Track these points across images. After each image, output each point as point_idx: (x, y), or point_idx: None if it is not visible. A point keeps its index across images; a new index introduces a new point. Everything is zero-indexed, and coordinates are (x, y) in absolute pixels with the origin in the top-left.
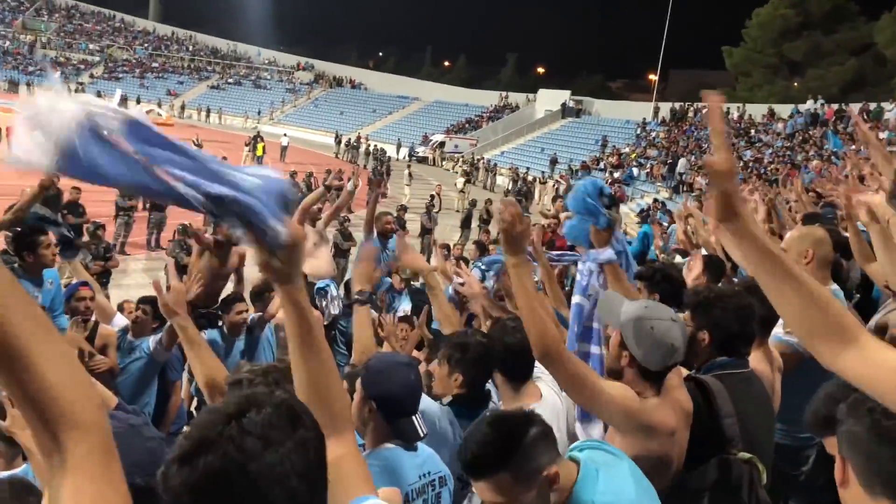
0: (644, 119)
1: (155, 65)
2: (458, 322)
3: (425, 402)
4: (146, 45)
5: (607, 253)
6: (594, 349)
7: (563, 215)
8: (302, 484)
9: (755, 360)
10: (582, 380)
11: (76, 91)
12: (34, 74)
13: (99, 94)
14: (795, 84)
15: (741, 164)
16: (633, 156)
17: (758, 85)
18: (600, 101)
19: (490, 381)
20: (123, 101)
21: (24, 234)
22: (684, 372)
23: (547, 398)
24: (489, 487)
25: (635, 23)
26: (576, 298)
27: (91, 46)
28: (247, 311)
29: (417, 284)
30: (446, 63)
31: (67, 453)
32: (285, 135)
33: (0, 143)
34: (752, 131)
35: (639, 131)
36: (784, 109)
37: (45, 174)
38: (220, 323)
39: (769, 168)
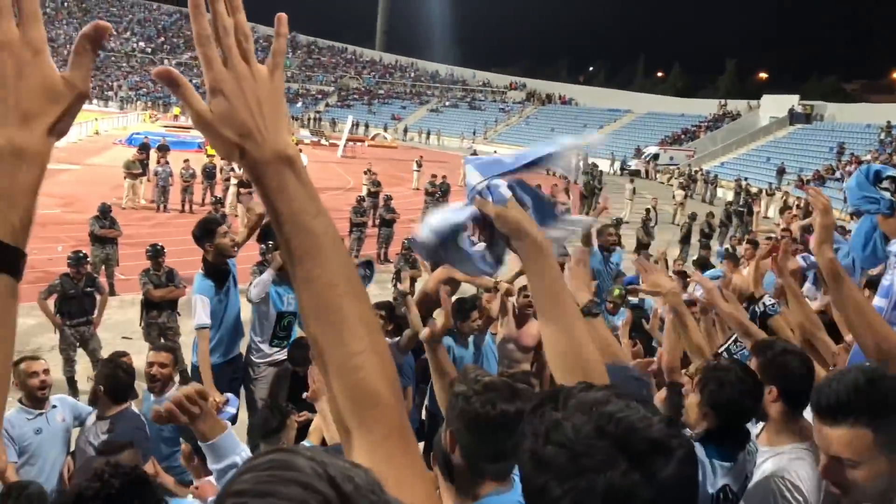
0: (889, 122)
1: (381, 91)
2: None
3: None
4: (373, 73)
5: None
6: None
7: (794, 226)
8: None
9: None
10: None
11: (316, 119)
12: None
13: (333, 121)
14: None
15: None
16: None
17: None
18: (834, 105)
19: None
20: (354, 126)
21: (203, 224)
22: None
23: None
24: (842, 438)
25: (874, 15)
26: (876, 301)
27: (326, 77)
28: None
29: (635, 300)
30: (659, 73)
31: (363, 436)
32: (495, 152)
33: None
34: None
35: (882, 136)
36: None
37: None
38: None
39: None
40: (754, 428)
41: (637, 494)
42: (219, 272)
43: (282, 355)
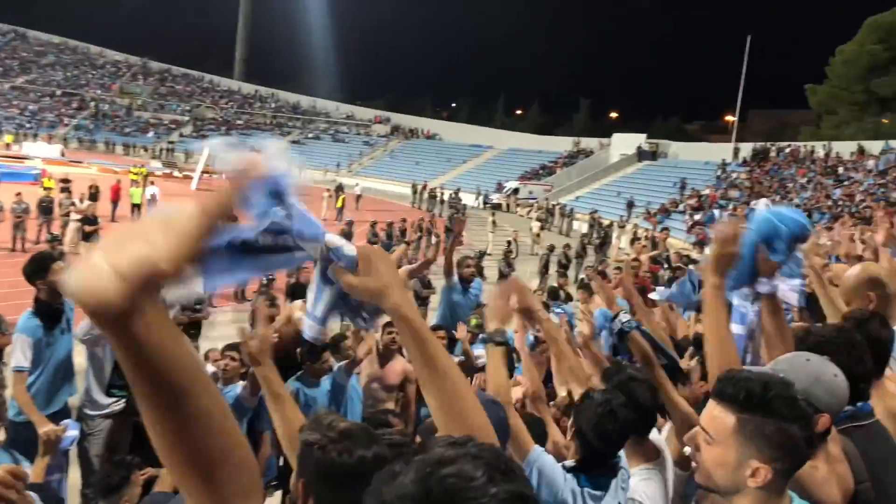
0: (724, 160)
1: (239, 122)
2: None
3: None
4: (231, 103)
5: (770, 284)
6: None
7: (643, 257)
8: None
9: (876, 404)
10: None
11: (168, 150)
12: (130, 135)
13: (187, 153)
14: (886, 121)
15: (829, 202)
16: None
17: (845, 122)
18: (677, 143)
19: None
20: (210, 157)
21: (36, 260)
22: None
23: (664, 453)
24: (712, 412)
25: (711, 65)
26: (735, 328)
27: (181, 107)
28: (332, 357)
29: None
30: (519, 111)
31: (214, 494)
32: (358, 184)
33: (99, 202)
34: (841, 169)
35: (719, 172)
36: (874, 146)
37: None
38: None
39: (861, 206)
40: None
41: None
42: (50, 311)
43: (119, 406)
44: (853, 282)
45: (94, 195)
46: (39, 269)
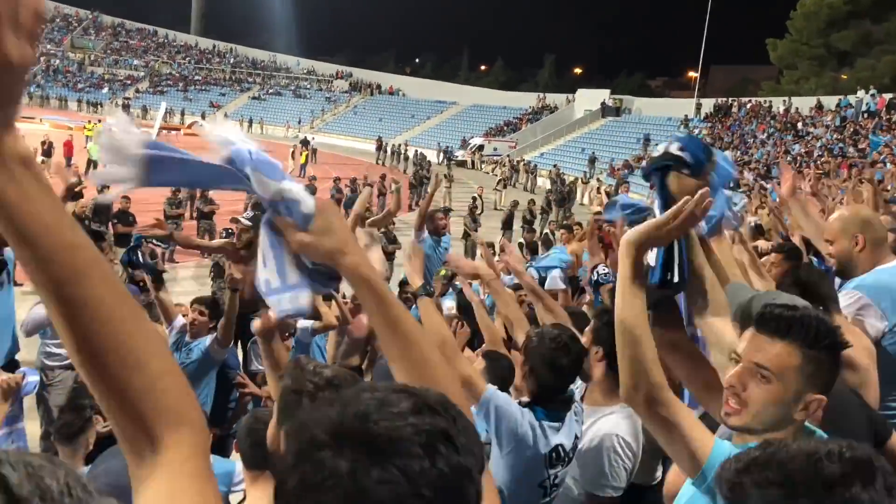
0: (686, 116)
1: (197, 78)
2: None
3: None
4: (188, 58)
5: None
6: None
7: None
8: None
9: None
10: None
11: (124, 106)
12: (83, 91)
13: (145, 109)
14: (844, 76)
15: (789, 158)
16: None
17: (804, 77)
18: (641, 100)
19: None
20: (168, 113)
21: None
22: None
23: None
24: (774, 348)
25: (674, 20)
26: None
27: (136, 62)
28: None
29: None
30: (483, 67)
31: (170, 452)
32: (313, 138)
33: (54, 157)
34: (800, 124)
35: (681, 128)
36: (832, 101)
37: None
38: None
39: (819, 161)
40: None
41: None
42: None
43: None
44: (841, 222)
45: (47, 151)
46: None
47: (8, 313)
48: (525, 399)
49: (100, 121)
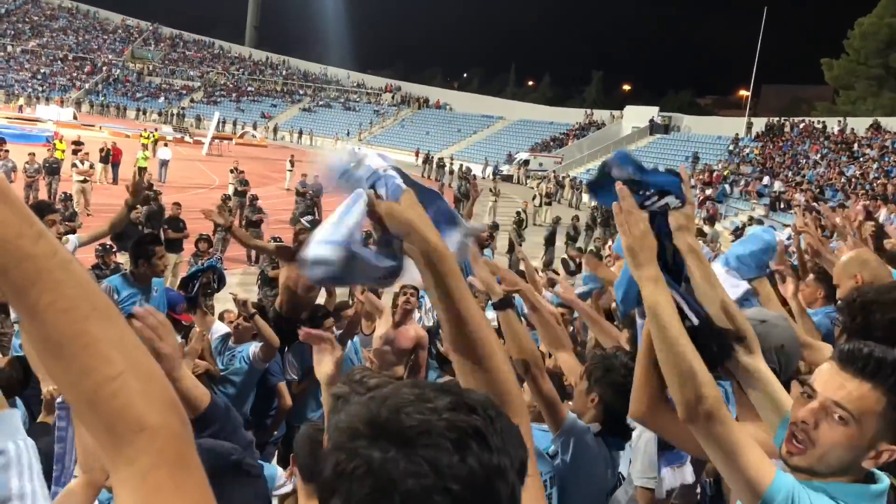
0: (737, 135)
1: (250, 89)
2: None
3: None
4: (242, 70)
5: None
6: None
7: None
8: None
9: None
10: None
11: (179, 115)
12: (141, 101)
13: (199, 118)
14: None
15: (843, 179)
16: (726, 173)
17: (861, 97)
18: (690, 117)
19: None
20: (221, 123)
21: (145, 242)
22: None
23: None
24: (858, 390)
25: (726, 38)
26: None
27: (192, 73)
28: (334, 326)
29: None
30: (530, 82)
31: (127, 468)
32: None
33: (107, 164)
34: (856, 145)
35: (731, 147)
36: (892, 123)
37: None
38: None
39: (876, 183)
40: None
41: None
42: None
43: None
44: (843, 266)
45: (105, 158)
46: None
47: None
48: (595, 427)
49: (156, 129)
